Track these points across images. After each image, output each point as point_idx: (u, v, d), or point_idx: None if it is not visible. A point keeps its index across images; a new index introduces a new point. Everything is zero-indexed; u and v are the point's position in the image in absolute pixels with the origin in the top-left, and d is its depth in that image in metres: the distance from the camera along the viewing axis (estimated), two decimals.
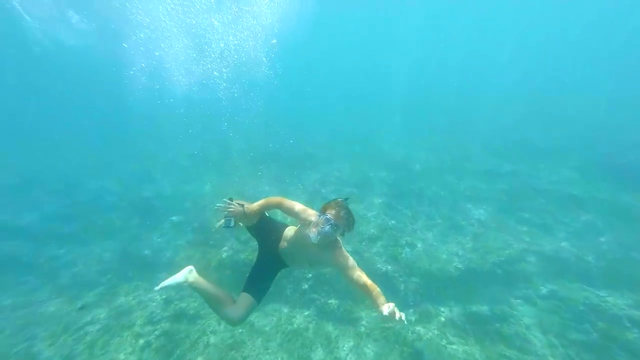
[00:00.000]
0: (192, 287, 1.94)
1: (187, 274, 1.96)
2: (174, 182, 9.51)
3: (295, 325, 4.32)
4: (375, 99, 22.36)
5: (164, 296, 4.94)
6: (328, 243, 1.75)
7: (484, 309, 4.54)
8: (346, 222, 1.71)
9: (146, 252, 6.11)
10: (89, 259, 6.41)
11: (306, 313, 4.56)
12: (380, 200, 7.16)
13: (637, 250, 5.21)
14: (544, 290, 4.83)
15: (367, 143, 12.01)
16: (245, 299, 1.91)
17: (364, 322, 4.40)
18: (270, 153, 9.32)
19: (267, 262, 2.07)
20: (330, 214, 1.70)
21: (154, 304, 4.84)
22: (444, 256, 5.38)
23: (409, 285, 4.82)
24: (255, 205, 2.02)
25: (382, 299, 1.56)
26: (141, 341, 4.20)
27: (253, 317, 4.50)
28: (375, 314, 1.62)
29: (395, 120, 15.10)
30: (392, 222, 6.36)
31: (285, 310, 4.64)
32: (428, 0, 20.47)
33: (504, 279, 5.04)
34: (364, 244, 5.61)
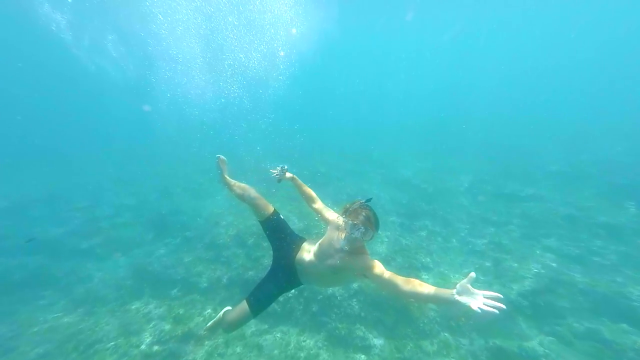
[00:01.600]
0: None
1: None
2: (189, 199, 9.79)
3: (304, 352, 4.10)
4: (392, 120, 22.58)
5: (173, 314, 4.89)
6: (357, 248, 1.70)
7: (510, 344, 4.14)
8: (373, 225, 1.66)
9: (159, 268, 6.17)
10: (104, 275, 6.54)
11: (316, 337, 4.34)
12: (394, 220, 6.99)
13: None
14: (580, 328, 4.33)
15: (382, 163, 12.00)
16: (242, 307, 1.88)
17: (377, 351, 4.11)
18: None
19: (279, 274, 2.01)
20: (357, 219, 1.65)
21: (163, 322, 4.78)
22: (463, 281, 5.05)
23: (426, 312, 4.52)
24: (295, 178, 2.41)
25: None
26: None
27: (262, 340, 4.33)
28: (453, 297, 1.22)
29: (412, 142, 15.10)
30: (407, 242, 6.15)
31: (295, 333, 4.44)
32: (447, 23, 20.96)
33: (532, 312, 4.62)
34: None
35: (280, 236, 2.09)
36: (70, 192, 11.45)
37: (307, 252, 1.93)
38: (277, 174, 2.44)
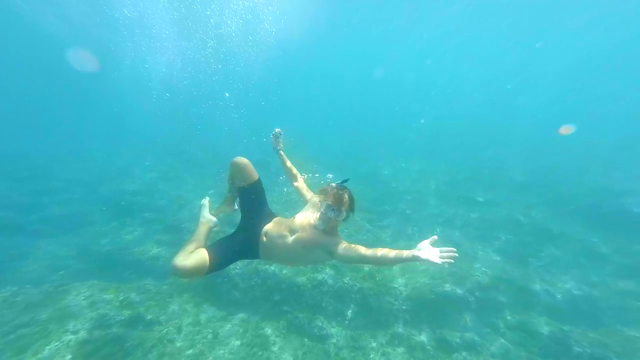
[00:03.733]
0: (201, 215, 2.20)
1: (204, 206, 2.28)
2: (154, 180, 9.12)
3: (261, 339, 4.06)
4: (366, 121, 22.87)
5: (121, 297, 4.53)
6: (330, 229, 1.78)
7: (454, 335, 4.51)
8: (348, 205, 1.74)
9: (110, 248, 5.68)
10: (41, 253, 5.86)
11: (275, 325, 4.31)
12: (361, 216, 7.18)
13: (599, 289, 5.46)
14: (512, 321, 4.89)
15: (356, 160, 12.20)
16: (201, 255, 1.70)
17: (333, 341, 4.21)
18: (258, 160, 9.23)
19: (240, 240, 1.97)
20: (331, 199, 1.71)
21: (108, 305, 4.40)
22: (421, 278, 5.37)
23: (383, 304, 4.72)
24: (282, 152, 2.51)
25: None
26: (88, 347, 3.75)
27: (218, 326, 4.20)
28: (417, 254, 1.48)
29: (384, 142, 15.43)
30: (372, 238, 6.36)
31: (254, 321, 4.38)
32: (428, 28, 20.81)
33: (476, 306, 5.06)
34: None
35: (254, 203, 2.07)
36: (6, 160, 10.01)
37: (278, 225, 1.93)
38: (273, 136, 2.49)
